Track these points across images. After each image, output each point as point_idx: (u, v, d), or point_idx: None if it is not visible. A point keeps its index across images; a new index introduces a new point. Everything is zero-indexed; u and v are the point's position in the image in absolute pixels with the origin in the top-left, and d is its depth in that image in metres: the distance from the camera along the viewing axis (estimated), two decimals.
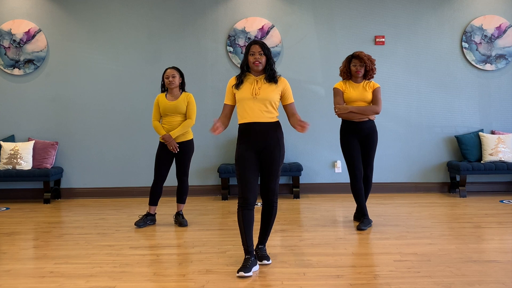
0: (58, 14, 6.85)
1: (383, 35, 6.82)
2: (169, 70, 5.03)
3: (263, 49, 3.56)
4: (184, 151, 5.03)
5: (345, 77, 4.87)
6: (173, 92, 5.03)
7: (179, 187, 5.11)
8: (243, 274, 3.39)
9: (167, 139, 4.93)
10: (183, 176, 5.08)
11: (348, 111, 4.74)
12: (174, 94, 5.03)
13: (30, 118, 6.86)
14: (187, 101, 5.02)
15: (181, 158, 5.03)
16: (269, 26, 6.80)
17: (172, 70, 5.02)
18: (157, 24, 6.87)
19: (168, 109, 4.98)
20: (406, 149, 6.91)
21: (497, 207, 5.76)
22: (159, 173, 5.03)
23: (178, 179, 5.10)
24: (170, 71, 5.02)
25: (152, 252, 4.18)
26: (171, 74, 4.98)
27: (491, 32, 6.79)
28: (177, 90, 5.05)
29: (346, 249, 4.09)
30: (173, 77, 4.97)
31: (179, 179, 5.10)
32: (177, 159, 5.05)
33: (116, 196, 6.86)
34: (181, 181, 5.09)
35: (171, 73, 4.99)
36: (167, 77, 4.99)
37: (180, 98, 5.01)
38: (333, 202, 6.28)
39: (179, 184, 5.10)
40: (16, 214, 5.86)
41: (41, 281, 3.43)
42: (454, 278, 3.32)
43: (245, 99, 3.56)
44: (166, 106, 4.98)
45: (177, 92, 5.04)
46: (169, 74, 4.99)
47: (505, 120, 6.86)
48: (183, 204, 5.17)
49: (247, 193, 3.48)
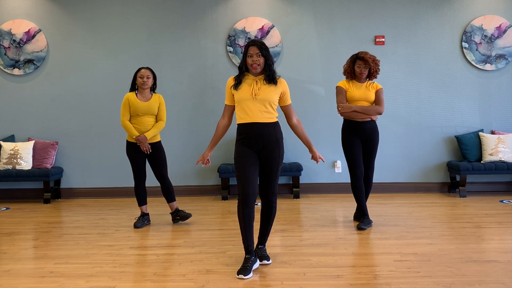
0: (58, 14, 6.85)
1: (383, 35, 6.82)
2: (143, 70, 4.95)
3: (261, 50, 3.54)
4: (156, 152, 4.99)
5: (349, 77, 4.87)
6: (145, 93, 4.97)
7: (163, 187, 5.07)
8: (242, 276, 3.39)
9: (142, 140, 4.87)
10: (163, 175, 5.04)
11: (352, 110, 4.74)
12: (145, 95, 4.97)
13: (30, 118, 6.86)
14: (159, 103, 4.99)
15: (155, 160, 5.00)
16: (269, 26, 6.80)
17: (147, 71, 4.96)
18: (157, 24, 6.87)
19: (140, 110, 4.90)
20: (406, 149, 6.91)
21: (497, 207, 5.76)
22: (139, 174, 5.01)
23: (160, 180, 5.06)
24: (144, 71, 4.95)
25: (152, 252, 4.18)
26: (145, 75, 4.91)
27: (491, 32, 6.79)
28: (148, 91, 5.00)
29: (346, 249, 4.09)
30: (148, 77, 4.92)
31: (160, 180, 5.06)
32: (151, 161, 5.02)
33: (116, 196, 6.86)
34: (162, 181, 5.06)
35: (146, 73, 4.93)
36: (141, 77, 4.91)
37: (152, 99, 4.97)
38: (333, 202, 6.28)
39: (162, 184, 5.06)
40: (16, 214, 5.86)
41: (41, 281, 3.43)
42: (454, 278, 3.33)
43: (244, 100, 3.56)
44: (138, 106, 4.91)
45: (148, 93, 4.99)
46: (143, 74, 4.92)
47: (505, 120, 6.86)
48: (175, 201, 5.14)
49: (247, 189, 3.46)
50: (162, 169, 5.04)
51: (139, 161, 5.00)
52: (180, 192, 6.52)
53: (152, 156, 5.00)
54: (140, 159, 4.99)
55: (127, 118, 4.97)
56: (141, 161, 5.01)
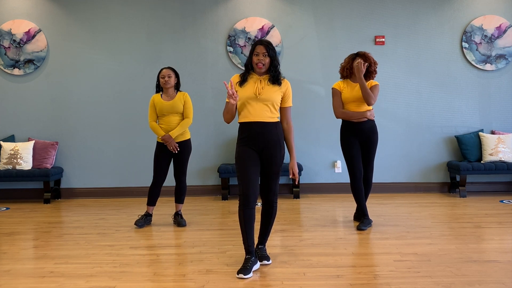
0: (58, 14, 6.85)
1: (383, 35, 6.82)
2: (164, 70, 5.01)
3: (268, 50, 3.55)
4: (183, 150, 5.01)
5: (346, 74, 4.85)
6: (169, 92, 5.01)
7: (177, 187, 5.10)
8: (242, 276, 3.39)
9: (167, 139, 4.92)
10: (181, 176, 5.06)
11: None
12: (169, 94, 5.01)
13: (30, 118, 6.86)
14: (184, 100, 5.00)
15: (179, 158, 5.02)
16: (269, 26, 6.80)
17: (168, 70, 5.00)
18: (157, 24, 6.87)
19: (165, 109, 4.95)
20: (406, 149, 6.91)
21: (497, 207, 5.76)
22: (159, 174, 5.02)
23: (177, 179, 5.08)
24: (165, 71, 5.00)
25: (152, 252, 4.18)
26: (166, 74, 4.96)
27: (491, 32, 6.79)
28: (172, 90, 5.04)
29: (346, 249, 4.09)
30: (169, 77, 4.96)
31: (177, 179, 5.08)
32: (176, 159, 5.04)
33: (116, 196, 6.86)
34: (179, 181, 5.07)
35: (167, 73, 4.97)
36: (163, 77, 4.97)
37: (176, 98, 5.00)
38: (333, 202, 6.28)
39: (178, 184, 5.09)
40: (16, 214, 5.86)
41: (41, 281, 3.43)
42: (454, 278, 3.32)
43: (247, 98, 3.56)
44: (162, 106, 4.96)
45: (172, 92, 5.03)
46: (164, 74, 4.97)
47: (505, 120, 6.86)
48: (182, 204, 5.16)
49: (248, 190, 3.47)
50: (183, 169, 5.04)
51: (163, 161, 5.01)
52: None
53: (177, 155, 5.01)
54: (164, 159, 5.00)
55: (154, 119, 5.03)
56: (165, 161, 5.02)
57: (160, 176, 5.03)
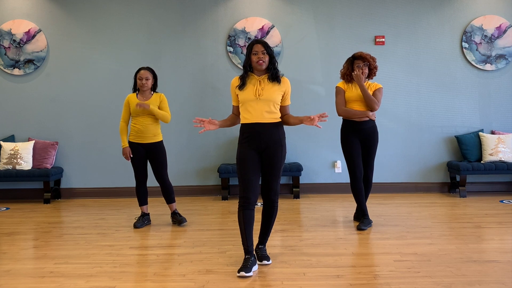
0: (58, 14, 6.85)
1: (383, 35, 6.82)
2: (142, 72, 4.94)
3: (266, 48, 3.57)
4: (156, 151, 4.98)
5: (348, 80, 4.85)
6: (145, 93, 4.98)
7: (162, 189, 5.05)
8: (244, 274, 3.39)
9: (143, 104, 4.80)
10: (162, 176, 5.01)
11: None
12: (145, 95, 4.98)
13: (30, 118, 6.86)
14: (160, 101, 4.96)
15: (155, 160, 4.98)
16: (269, 26, 6.80)
17: (146, 72, 4.93)
18: (157, 24, 6.87)
19: (140, 110, 4.87)
20: (406, 149, 6.91)
21: (497, 207, 5.76)
22: (140, 174, 5.00)
23: (158, 180, 5.04)
24: (143, 72, 4.93)
25: (152, 252, 4.18)
26: (144, 77, 4.90)
27: (491, 32, 6.79)
28: (149, 92, 5.00)
29: (346, 249, 4.09)
30: (147, 79, 4.90)
31: (159, 181, 5.03)
32: (152, 162, 5.00)
33: (116, 196, 6.86)
34: (162, 182, 5.03)
35: (145, 75, 4.91)
36: (140, 78, 4.90)
37: (152, 99, 4.95)
38: (333, 202, 6.28)
39: (161, 185, 5.04)
40: (16, 214, 5.86)
41: (41, 281, 3.43)
42: (454, 278, 3.33)
43: (248, 100, 3.57)
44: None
45: (148, 94, 4.99)
46: (142, 76, 4.90)
47: (505, 120, 6.86)
48: (174, 203, 5.13)
49: (248, 192, 3.48)
50: (162, 171, 5.01)
51: (138, 161, 4.99)
52: (180, 192, 6.53)
53: (152, 156, 4.99)
54: (139, 159, 4.99)
55: (125, 119, 5.00)
56: (140, 161, 5.00)
57: (140, 175, 5.00)
